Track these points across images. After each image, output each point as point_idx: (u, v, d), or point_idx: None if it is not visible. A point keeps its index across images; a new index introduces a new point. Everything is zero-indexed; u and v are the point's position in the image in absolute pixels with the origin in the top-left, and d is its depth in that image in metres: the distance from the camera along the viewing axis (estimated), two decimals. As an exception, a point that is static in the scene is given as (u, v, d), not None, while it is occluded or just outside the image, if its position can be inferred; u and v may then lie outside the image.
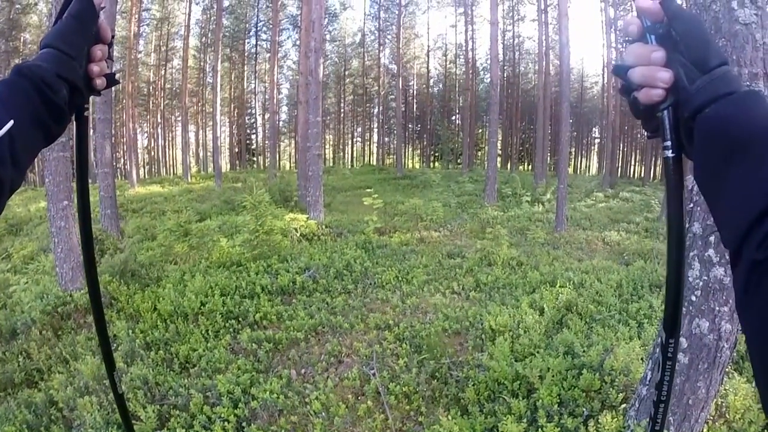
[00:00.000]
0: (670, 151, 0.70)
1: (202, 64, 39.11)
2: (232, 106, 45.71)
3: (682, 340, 2.94)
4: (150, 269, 7.85)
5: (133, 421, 3.96)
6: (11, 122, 0.69)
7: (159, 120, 41.54)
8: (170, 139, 45.63)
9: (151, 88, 39.36)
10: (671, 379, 0.79)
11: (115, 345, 5.39)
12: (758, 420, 3.29)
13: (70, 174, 6.98)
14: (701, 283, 2.83)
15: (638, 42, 0.70)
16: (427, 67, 48.27)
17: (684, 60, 0.66)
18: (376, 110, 50.62)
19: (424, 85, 49.29)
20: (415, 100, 50.66)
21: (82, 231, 1.01)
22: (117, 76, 0.94)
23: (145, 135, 44.13)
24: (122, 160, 36.23)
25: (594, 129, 49.95)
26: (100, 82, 0.87)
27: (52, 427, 4.04)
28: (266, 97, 41.46)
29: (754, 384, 3.67)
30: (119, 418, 3.88)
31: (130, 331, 5.52)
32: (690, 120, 0.65)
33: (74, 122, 0.89)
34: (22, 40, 29.85)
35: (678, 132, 0.69)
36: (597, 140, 49.20)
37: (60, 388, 4.50)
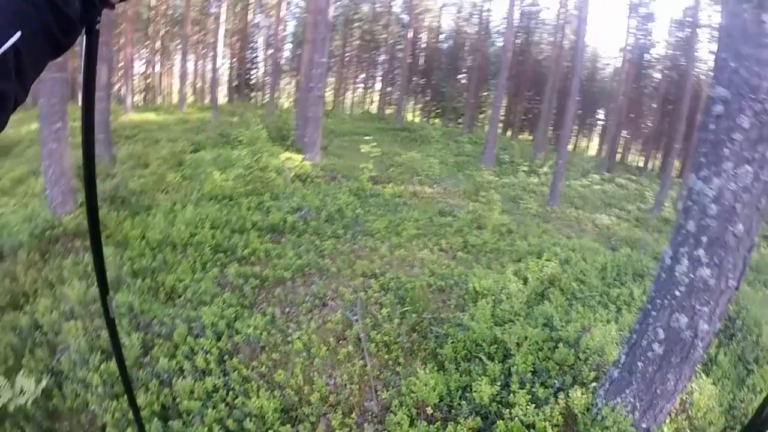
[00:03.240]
0: None
1: (206, -8, 37.73)
2: (235, 38, 44.24)
3: (660, 330, 3.01)
4: (141, 197, 7.79)
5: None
6: (18, 34, 0.64)
7: (158, 47, 40.19)
8: (168, 67, 44.26)
9: (152, 13, 37.90)
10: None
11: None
12: (718, 422, 3.42)
13: (65, 96, 6.78)
14: (687, 280, 2.87)
15: None
16: (439, 22, 47.03)
17: None
18: (381, 59, 49.45)
19: (434, 40, 48.14)
20: (422, 54, 49.52)
21: (84, 151, 0.99)
22: None
23: (143, 61, 42.66)
24: (117, 86, 35.27)
25: (599, 111, 49.42)
26: None
27: (36, 350, 4.07)
28: (270, 32, 40.24)
29: (719, 387, 3.82)
30: (103, 345, 3.94)
31: (118, 258, 5.51)
32: None
33: (84, 36, 0.84)
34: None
35: None
36: (601, 122, 48.71)
37: (45, 312, 4.50)
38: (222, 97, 42.82)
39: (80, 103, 0.95)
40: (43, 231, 6.25)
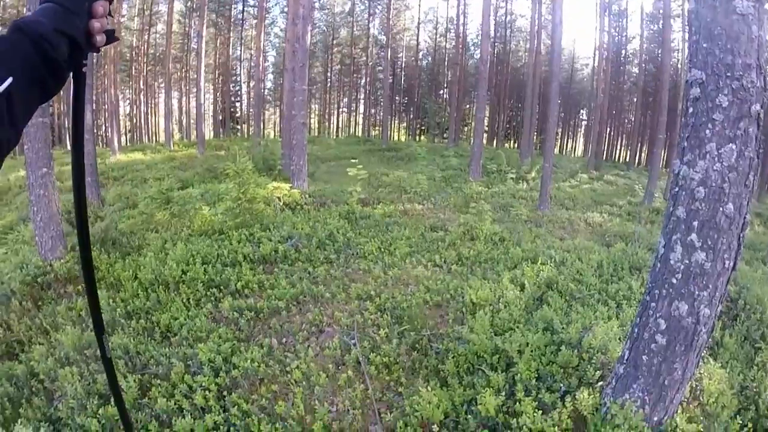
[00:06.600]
0: None
1: (186, 29, 38.15)
2: (217, 72, 44.67)
3: (661, 321, 2.97)
4: (131, 237, 7.76)
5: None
6: (10, 79, 0.67)
7: (142, 86, 40.47)
8: (153, 105, 44.51)
9: (134, 53, 38.24)
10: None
11: (96, 314, 5.30)
12: (731, 405, 3.37)
13: (49, 140, 6.81)
14: (682, 267, 2.85)
15: None
16: (417, 40, 47.64)
17: None
18: (363, 81, 49.84)
19: (413, 58, 48.71)
20: (403, 73, 50.05)
21: (75, 192, 1.00)
22: (115, 32, 0.91)
23: (128, 101, 43.00)
24: (104, 127, 35.33)
25: (582, 111, 50.05)
26: (100, 38, 0.84)
27: (34, 398, 4.00)
28: (252, 64, 40.72)
29: (728, 369, 3.78)
30: (101, 389, 3.87)
31: (111, 300, 5.46)
32: None
33: (71, 79, 0.87)
34: (1, 4, 28.59)
35: None
36: (584, 122, 49.34)
37: (41, 359, 4.45)
38: (208, 132, 43.04)
39: (70, 145, 0.98)
40: (34, 278, 6.23)
